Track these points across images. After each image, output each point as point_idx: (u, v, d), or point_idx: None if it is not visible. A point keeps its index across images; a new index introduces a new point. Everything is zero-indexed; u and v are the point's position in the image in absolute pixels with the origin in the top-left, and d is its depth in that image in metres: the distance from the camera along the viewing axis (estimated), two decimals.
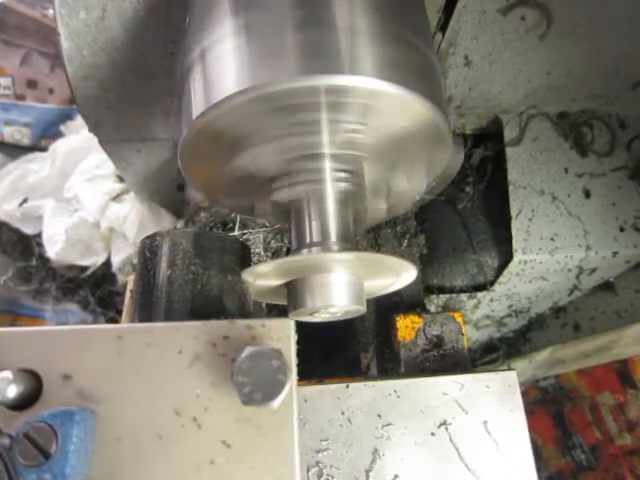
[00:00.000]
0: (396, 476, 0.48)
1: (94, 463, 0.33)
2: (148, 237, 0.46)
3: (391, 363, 0.65)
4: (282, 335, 0.37)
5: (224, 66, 0.40)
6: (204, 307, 0.43)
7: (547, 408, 1.10)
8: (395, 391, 0.51)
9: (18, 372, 0.33)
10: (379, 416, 0.50)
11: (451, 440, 0.49)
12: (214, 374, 0.35)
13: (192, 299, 0.43)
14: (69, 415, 0.32)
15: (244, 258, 0.48)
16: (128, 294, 0.53)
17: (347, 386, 0.51)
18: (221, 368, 0.35)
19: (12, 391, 0.32)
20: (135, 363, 0.35)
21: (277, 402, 0.32)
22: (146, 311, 0.44)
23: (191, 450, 0.34)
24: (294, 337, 0.38)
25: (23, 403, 0.33)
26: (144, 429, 0.34)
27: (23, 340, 0.35)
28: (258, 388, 0.31)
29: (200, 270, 0.44)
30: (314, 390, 0.50)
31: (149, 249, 0.46)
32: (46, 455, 0.30)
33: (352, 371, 0.72)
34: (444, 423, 0.50)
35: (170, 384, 0.35)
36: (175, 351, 0.36)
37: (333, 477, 0.47)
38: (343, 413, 0.49)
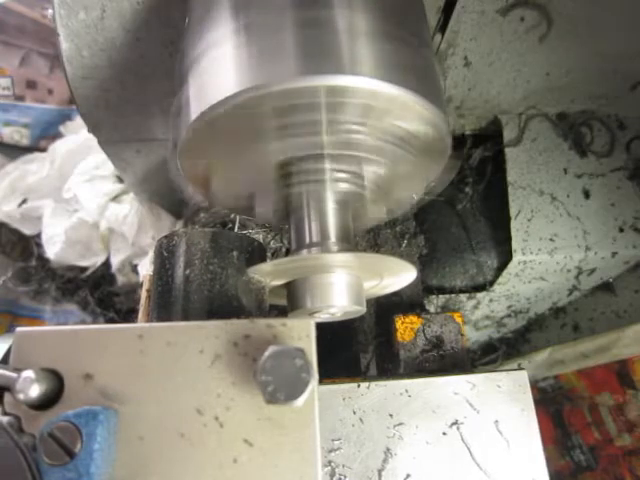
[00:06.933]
0: (408, 475, 0.48)
1: (117, 462, 0.33)
2: (165, 237, 0.46)
3: (390, 363, 0.65)
4: (303, 334, 0.37)
5: (224, 66, 0.40)
6: (223, 306, 0.44)
7: (546, 408, 1.10)
8: (406, 391, 0.51)
9: (40, 371, 0.33)
10: (391, 415, 0.50)
11: (463, 439, 0.49)
12: (235, 373, 0.36)
13: (210, 298, 0.43)
14: (93, 414, 0.32)
15: (261, 258, 0.49)
16: (144, 294, 0.53)
17: (358, 386, 0.51)
18: (242, 367, 0.36)
19: (35, 390, 0.32)
20: (156, 362, 0.36)
21: (300, 401, 0.32)
22: (164, 311, 0.44)
23: (214, 449, 0.34)
24: (314, 336, 0.38)
25: (45, 403, 0.33)
26: (166, 428, 0.34)
27: (44, 340, 0.35)
28: (282, 387, 0.32)
29: (218, 270, 0.44)
30: (325, 389, 0.50)
31: (167, 249, 0.46)
32: (71, 454, 0.30)
33: (351, 371, 0.72)
34: (455, 423, 0.50)
35: (192, 383, 0.35)
36: (196, 350, 0.36)
37: (345, 476, 0.47)
38: (355, 413, 0.50)
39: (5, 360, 0.41)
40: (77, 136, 1.45)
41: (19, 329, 0.36)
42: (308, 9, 0.40)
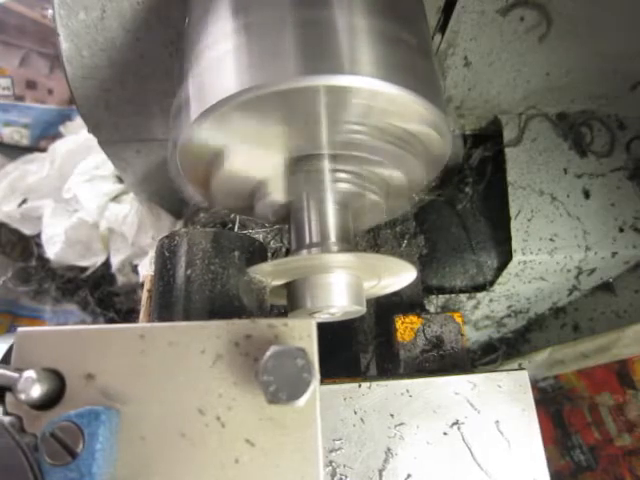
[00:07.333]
0: (409, 475, 0.48)
1: (119, 462, 0.33)
2: (167, 237, 0.46)
3: (390, 363, 0.65)
4: (304, 334, 0.37)
5: (223, 67, 0.40)
6: (224, 306, 0.44)
7: (546, 408, 1.10)
8: (407, 391, 0.51)
9: (42, 371, 0.33)
10: (392, 415, 0.50)
11: (463, 439, 0.49)
12: (237, 373, 0.36)
13: (212, 298, 0.43)
14: (95, 414, 0.32)
15: (262, 258, 0.49)
16: (146, 294, 0.53)
17: (359, 386, 0.51)
18: (244, 367, 0.36)
19: (36, 390, 0.32)
20: (158, 362, 0.36)
21: (302, 401, 0.32)
22: (166, 311, 0.44)
23: (215, 449, 0.34)
24: (316, 336, 0.38)
25: (46, 403, 0.33)
26: (168, 428, 0.34)
27: (46, 340, 0.35)
28: (283, 387, 0.32)
29: (219, 270, 0.44)
30: (326, 390, 0.50)
31: (168, 249, 0.46)
32: (73, 454, 0.30)
33: (351, 371, 0.72)
34: (456, 423, 0.50)
35: (193, 383, 0.35)
36: (198, 350, 0.36)
37: (346, 476, 0.47)
38: (356, 413, 0.50)
39: (5, 360, 0.41)
40: (77, 136, 1.45)
41: (20, 329, 0.36)
42: (308, 9, 0.40)
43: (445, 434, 0.49)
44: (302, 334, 0.37)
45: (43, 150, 1.54)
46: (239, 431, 0.35)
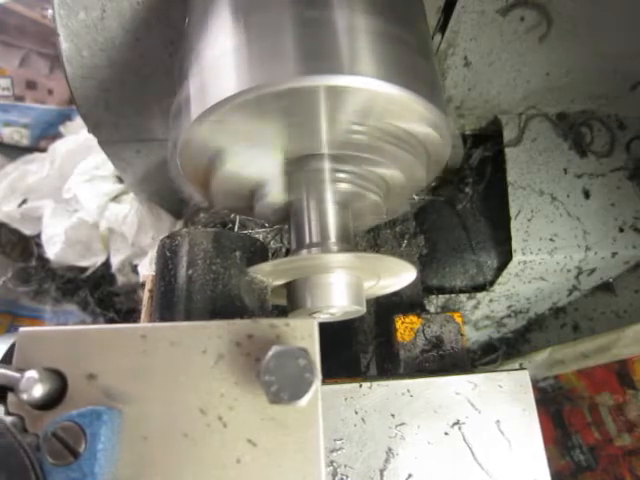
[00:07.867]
0: (410, 475, 0.48)
1: (120, 462, 0.33)
2: (168, 237, 0.47)
3: (390, 363, 0.65)
4: (305, 334, 0.37)
5: (223, 67, 0.40)
6: (225, 306, 0.44)
7: (546, 408, 1.10)
8: (408, 390, 0.51)
9: (43, 371, 0.33)
10: (393, 415, 0.50)
11: (464, 439, 0.49)
12: (238, 373, 0.36)
13: (213, 298, 0.44)
14: (97, 414, 0.32)
15: (263, 258, 0.49)
16: (147, 294, 0.53)
17: (360, 386, 0.51)
18: (245, 367, 0.36)
19: (38, 390, 0.32)
20: (160, 362, 0.35)
21: (304, 401, 0.32)
22: (167, 311, 0.44)
23: (217, 449, 0.34)
24: (317, 336, 0.38)
25: (48, 403, 0.33)
26: (170, 428, 0.34)
27: (48, 340, 0.35)
28: (285, 387, 0.32)
29: (221, 270, 0.44)
30: (327, 390, 0.50)
31: (169, 249, 0.46)
32: (75, 454, 0.30)
33: (352, 371, 0.72)
34: (457, 422, 0.50)
35: (195, 383, 0.35)
36: (199, 350, 0.36)
37: (347, 476, 0.47)
38: (357, 413, 0.50)
39: (6, 360, 0.41)
40: (77, 136, 1.45)
41: (22, 329, 0.36)
42: (308, 9, 0.40)
43: (446, 434, 0.49)
44: (304, 334, 0.37)
45: (43, 150, 1.54)
46: (241, 431, 0.34)
